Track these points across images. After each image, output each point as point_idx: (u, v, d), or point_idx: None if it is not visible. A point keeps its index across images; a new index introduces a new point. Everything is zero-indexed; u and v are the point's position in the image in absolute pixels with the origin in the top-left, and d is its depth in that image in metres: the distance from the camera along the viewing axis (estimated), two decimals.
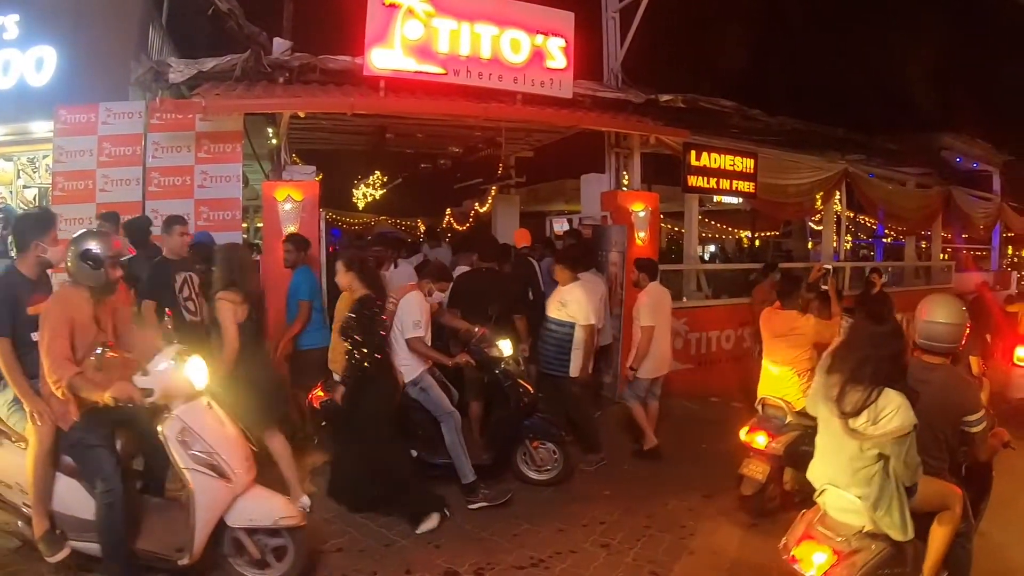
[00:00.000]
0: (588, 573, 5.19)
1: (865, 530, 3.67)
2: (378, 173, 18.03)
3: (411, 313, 6.29)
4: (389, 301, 6.28)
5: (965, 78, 32.79)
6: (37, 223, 4.76)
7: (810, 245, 17.35)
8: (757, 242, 21.68)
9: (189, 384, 4.45)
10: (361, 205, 20.77)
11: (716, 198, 14.51)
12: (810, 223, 17.32)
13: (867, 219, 18.53)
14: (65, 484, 4.49)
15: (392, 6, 8.37)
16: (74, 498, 4.46)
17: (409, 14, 8.44)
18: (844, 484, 3.73)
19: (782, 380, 6.44)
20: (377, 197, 20.05)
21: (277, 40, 9.10)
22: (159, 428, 4.34)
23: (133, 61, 8.79)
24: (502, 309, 7.11)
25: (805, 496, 4.57)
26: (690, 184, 10.57)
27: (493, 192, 14.80)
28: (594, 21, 11.26)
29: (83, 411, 4.39)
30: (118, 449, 4.54)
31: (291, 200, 8.15)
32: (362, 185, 19.37)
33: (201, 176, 8.58)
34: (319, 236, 8.38)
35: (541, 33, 9.26)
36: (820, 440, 3.95)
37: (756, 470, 5.97)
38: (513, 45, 9.08)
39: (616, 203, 10.21)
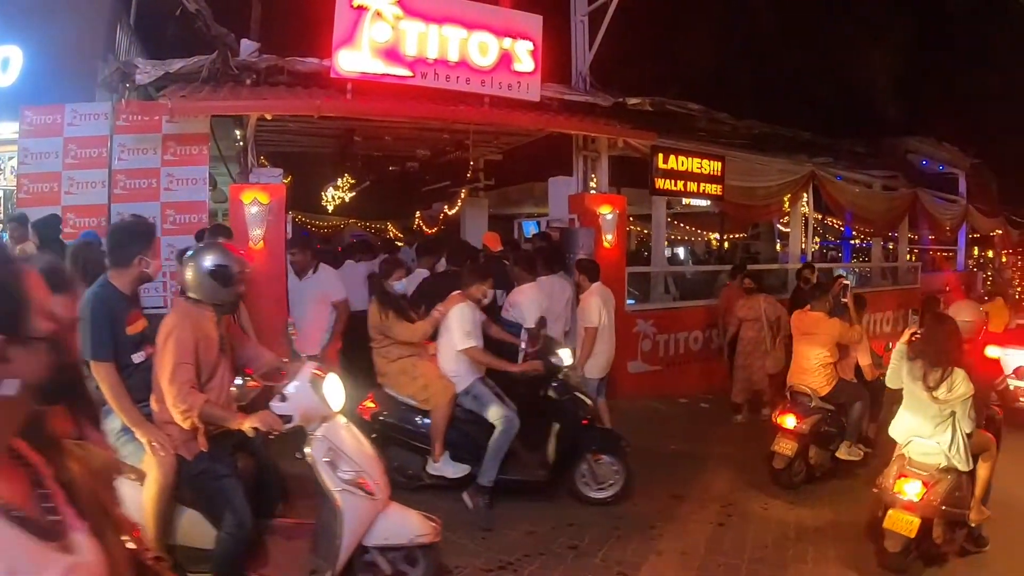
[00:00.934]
0: (557, 575, 5.22)
1: (942, 466, 5.18)
2: (347, 176, 17.90)
3: (462, 324, 6.22)
4: (436, 310, 6.29)
5: (931, 82, 33.23)
6: (140, 236, 4.26)
7: (778, 247, 17.52)
8: (726, 244, 21.82)
9: (326, 405, 4.17)
10: (331, 208, 20.63)
11: (684, 200, 14.60)
12: (778, 225, 17.48)
13: (834, 221, 18.72)
14: (188, 516, 4.12)
15: (360, 8, 8.34)
16: (197, 530, 4.09)
17: (377, 16, 8.41)
18: (927, 435, 5.27)
19: (808, 371, 7.29)
20: (346, 200, 19.91)
21: (245, 41, 9.09)
22: (306, 450, 4.12)
23: (100, 61, 8.75)
24: None
25: (826, 470, 7.18)
26: (658, 187, 10.65)
27: (463, 195, 14.80)
28: (563, 24, 11.29)
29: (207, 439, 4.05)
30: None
31: (257, 203, 8.09)
32: (331, 188, 19.23)
33: (167, 179, 8.51)
34: (285, 239, 8.36)
35: (509, 36, 9.28)
36: (906, 406, 5.49)
37: (786, 447, 6.90)
38: (481, 48, 9.09)
39: (584, 206, 10.26)
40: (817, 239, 21.18)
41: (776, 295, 12.48)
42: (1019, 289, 25.96)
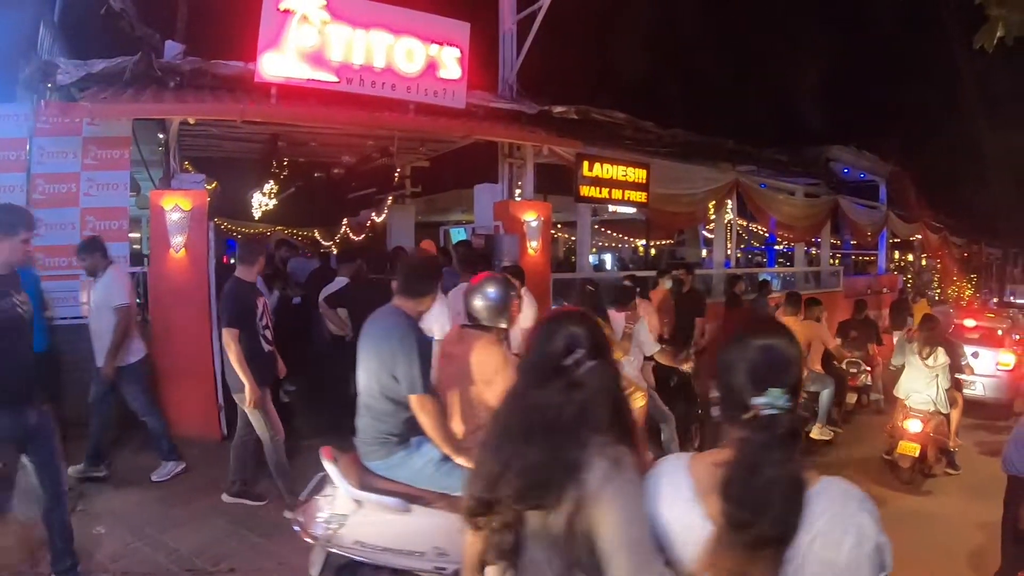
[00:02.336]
0: None
1: (931, 411, 7.76)
2: (273, 182, 17.66)
3: (647, 332, 7.09)
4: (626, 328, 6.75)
5: (853, 93, 34.11)
6: None
7: (704, 253, 17.86)
8: (653, 250, 22.16)
9: None
10: (258, 215, 20.35)
11: (611, 208, 14.81)
12: (703, 231, 17.80)
13: (758, 227, 19.17)
14: None
15: (287, 12, 8.31)
16: None
17: (304, 20, 8.39)
18: (921, 390, 7.88)
19: None
20: (272, 207, 19.65)
21: (169, 43, 8.95)
22: None
23: (21, 59, 8.48)
24: None
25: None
26: (582, 194, 10.78)
27: (389, 202, 14.80)
28: (491, 32, 11.39)
29: None
30: None
31: (179, 209, 7.99)
32: (258, 194, 18.94)
33: (88, 184, 8.35)
34: (208, 247, 8.27)
35: (436, 43, 9.33)
36: (906, 374, 8.12)
37: None
38: (408, 54, 9.12)
39: (508, 212, 10.37)
40: (742, 245, 21.70)
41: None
42: (938, 290, 26.94)
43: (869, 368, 10.58)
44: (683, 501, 1.95)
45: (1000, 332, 12.17)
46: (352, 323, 7.54)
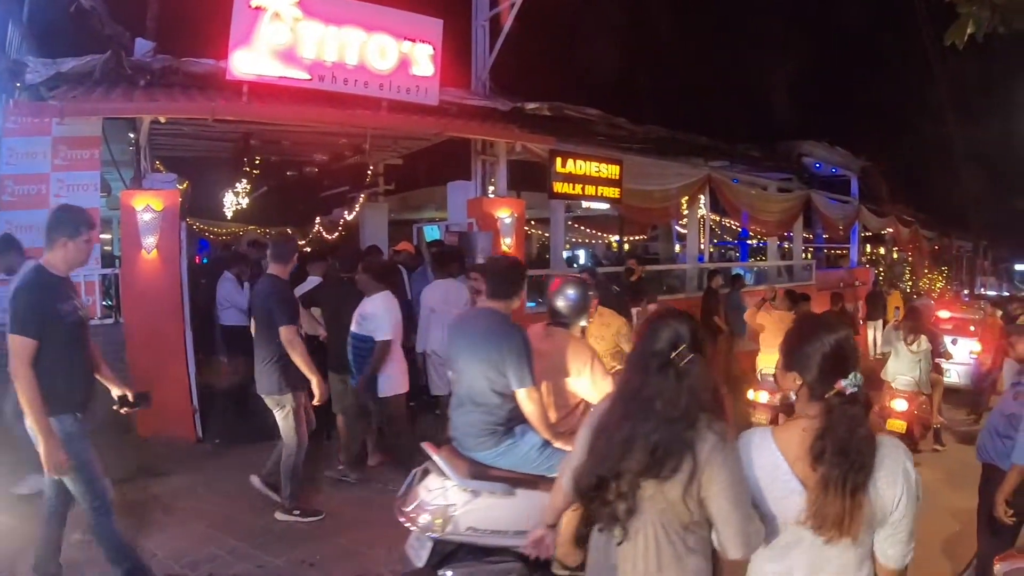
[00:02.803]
0: None
1: (915, 390, 8.40)
2: (245, 181, 17.44)
3: None
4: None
5: (825, 89, 34.44)
6: None
7: (677, 248, 17.96)
8: (626, 246, 22.26)
9: None
10: (230, 214, 20.10)
11: (584, 203, 14.86)
12: (676, 227, 17.90)
13: (731, 222, 19.31)
14: None
15: (258, 8, 8.23)
16: None
17: (275, 17, 8.32)
18: (905, 373, 8.47)
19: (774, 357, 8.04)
20: (245, 206, 19.38)
21: (139, 40, 8.87)
22: None
23: None
24: None
25: None
26: (556, 190, 10.79)
27: (361, 200, 14.74)
28: (463, 28, 11.39)
29: None
30: None
31: (150, 210, 7.93)
32: (230, 194, 18.69)
33: (57, 184, 8.19)
34: (180, 247, 8.23)
35: (409, 40, 9.29)
36: (893, 358, 8.64)
37: (761, 417, 8.73)
38: (380, 51, 9.08)
39: (482, 209, 10.40)
40: (715, 240, 21.85)
41: (673, 295, 12.97)
42: (909, 283, 27.27)
43: None
44: (773, 466, 2.46)
45: (972, 325, 12.75)
46: (325, 322, 7.50)
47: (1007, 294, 32.24)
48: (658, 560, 2.53)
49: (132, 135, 8.90)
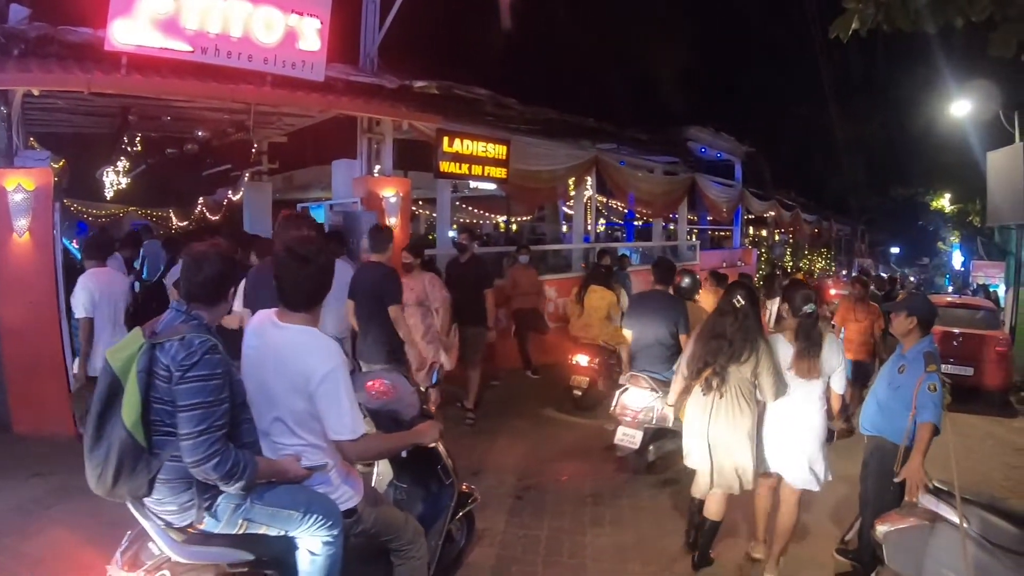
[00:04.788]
0: None
1: None
2: (124, 159, 16.59)
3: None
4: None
5: (713, 76, 35.33)
6: None
7: (564, 228, 18.15)
8: (514, 226, 22.40)
9: None
10: (110, 195, 19.08)
11: (472, 184, 14.88)
12: (564, 207, 18.10)
13: (618, 203, 19.65)
14: None
15: None
16: None
17: None
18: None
19: (592, 325, 9.65)
20: (125, 186, 18.38)
21: (14, 6, 8.22)
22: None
23: None
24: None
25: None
26: (442, 170, 10.80)
27: (247, 179, 14.29)
28: (353, 3, 11.19)
29: None
30: None
31: (22, 189, 7.52)
32: (110, 173, 17.70)
33: None
34: (54, 230, 7.84)
35: (296, 13, 8.98)
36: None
37: (580, 381, 9.36)
38: (266, 24, 8.75)
39: (367, 188, 10.25)
40: (603, 221, 22.20)
41: (562, 274, 13.13)
42: (789, 263, 28.35)
43: None
44: (784, 349, 5.03)
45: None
46: None
47: (884, 275, 33.78)
48: (738, 405, 4.96)
49: (3, 108, 8.39)
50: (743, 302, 4.98)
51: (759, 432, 5.04)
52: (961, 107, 15.25)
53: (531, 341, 11.30)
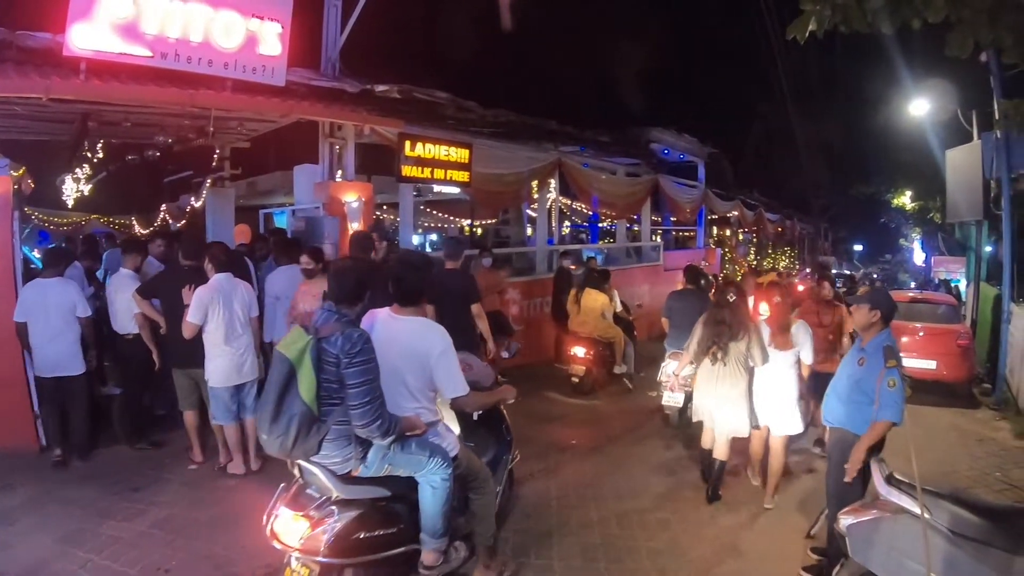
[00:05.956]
0: None
1: None
2: (86, 167, 16.24)
3: None
4: None
5: (675, 78, 35.60)
6: None
7: (529, 231, 18.19)
8: (478, 230, 22.44)
9: None
10: (71, 203, 18.65)
11: (436, 188, 14.89)
12: (527, 210, 18.14)
13: (582, 205, 19.74)
14: None
15: None
16: None
17: None
18: None
19: (588, 323, 11.06)
20: (87, 194, 17.99)
21: None
22: None
23: None
24: None
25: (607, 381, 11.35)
26: (405, 174, 10.79)
27: (209, 185, 13.97)
28: (315, 7, 11.16)
29: None
30: None
31: None
32: (70, 180, 17.30)
33: None
34: (13, 239, 7.71)
35: (257, 17, 8.95)
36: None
37: (578, 369, 10.81)
38: (226, 28, 8.73)
39: (329, 194, 10.23)
40: (567, 223, 22.31)
41: (523, 277, 13.22)
42: (754, 261, 28.66)
43: None
44: (765, 330, 6.80)
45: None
46: (164, 314, 7.24)
47: (847, 272, 34.23)
48: (737, 371, 6.61)
49: None
50: (734, 297, 6.76)
51: (751, 392, 6.72)
52: (920, 106, 15.51)
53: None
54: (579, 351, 10.83)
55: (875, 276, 42.79)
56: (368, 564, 4.17)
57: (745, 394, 6.65)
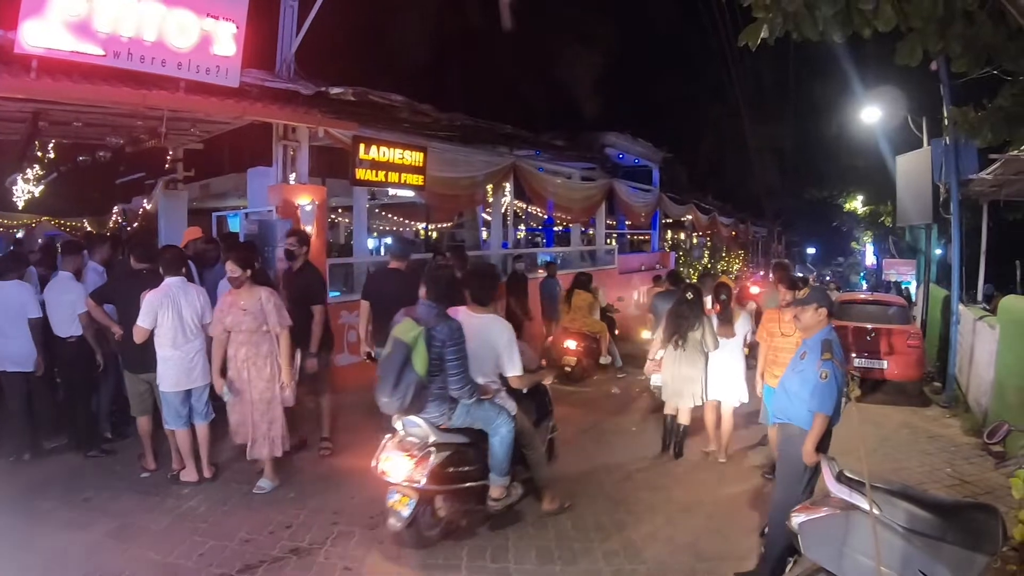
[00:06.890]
0: None
1: None
2: (37, 167, 15.85)
3: None
4: None
5: (630, 83, 35.90)
6: None
7: (484, 235, 18.23)
8: (433, 233, 22.44)
9: None
10: (21, 204, 18.20)
11: (391, 191, 14.88)
12: (483, 214, 18.19)
13: (537, 209, 19.84)
14: None
15: None
16: None
17: None
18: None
19: (578, 319, 12.67)
20: (37, 195, 17.53)
21: None
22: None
23: None
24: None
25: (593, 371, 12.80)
26: (359, 177, 10.80)
27: (161, 188, 13.64)
28: (270, 7, 11.11)
29: None
30: None
31: None
32: (20, 181, 16.86)
33: None
34: None
35: (212, 17, 8.90)
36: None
37: (570, 360, 12.16)
38: (180, 28, 8.65)
39: (282, 196, 10.20)
40: (522, 227, 22.41)
41: None
42: (708, 265, 28.97)
43: None
44: (715, 322, 8.12)
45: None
46: (119, 319, 7.11)
47: (799, 274, 34.63)
48: (695, 354, 7.92)
49: None
50: (693, 296, 8.04)
51: (705, 371, 8.02)
52: (871, 113, 15.73)
53: None
54: (571, 344, 12.33)
55: (827, 278, 43.45)
56: (453, 493, 5.65)
57: (700, 372, 8.01)
